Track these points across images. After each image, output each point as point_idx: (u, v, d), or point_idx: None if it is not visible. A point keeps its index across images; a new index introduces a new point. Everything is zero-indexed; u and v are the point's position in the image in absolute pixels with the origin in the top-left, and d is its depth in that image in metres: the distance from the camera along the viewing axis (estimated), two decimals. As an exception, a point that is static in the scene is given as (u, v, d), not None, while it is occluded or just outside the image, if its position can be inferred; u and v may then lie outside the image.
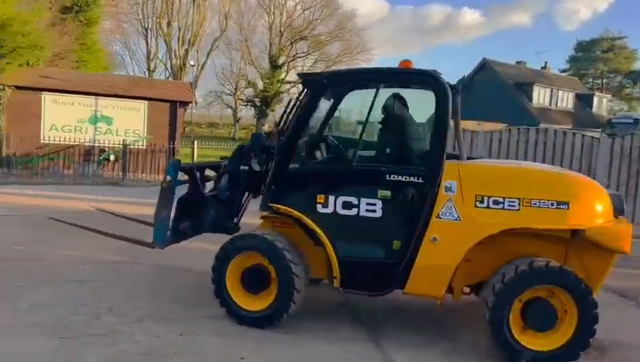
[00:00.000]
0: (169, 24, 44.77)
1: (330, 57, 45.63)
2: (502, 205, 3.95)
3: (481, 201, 3.99)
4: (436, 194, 4.05)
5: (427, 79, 4.30)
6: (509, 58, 50.53)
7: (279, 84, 44.39)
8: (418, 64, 4.50)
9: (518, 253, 4.07)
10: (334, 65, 45.40)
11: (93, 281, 5.41)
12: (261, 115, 43.65)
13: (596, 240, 3.94)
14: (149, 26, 44.83)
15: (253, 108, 44.96)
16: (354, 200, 4.24)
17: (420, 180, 4.10)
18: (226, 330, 4.28)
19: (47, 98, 14.39)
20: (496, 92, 31.43)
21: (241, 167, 4.76)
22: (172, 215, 4.59)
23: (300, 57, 45.73)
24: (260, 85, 44.71)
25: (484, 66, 34.19)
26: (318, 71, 26.82)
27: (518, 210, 3.92)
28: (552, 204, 3.89)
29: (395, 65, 4.50)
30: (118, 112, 14.91)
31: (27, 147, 13.82)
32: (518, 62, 38.90)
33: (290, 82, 46.54)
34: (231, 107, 50.76)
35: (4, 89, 14.04)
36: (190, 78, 44.93)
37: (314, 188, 4.39)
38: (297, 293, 4.24)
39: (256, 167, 4.75)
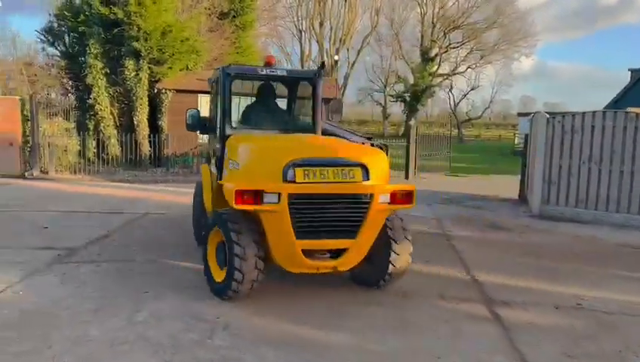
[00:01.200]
0: (321, 24, 45.73)
1: (486, 45, 42.65)
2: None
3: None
4: None
5: None
6: None
7: (431, 78, 42.67)
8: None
9: None
10: (492, 53, 42.40)
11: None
12: (411, 110, 42.38)
13: None
14: (303, 28, 46.32)
15: (403, 103, 43.86)
16: None
17: None
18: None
19: (202, 100, 15.06)
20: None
21: None
22: None
23: (453, 48, 43.55)
24: (411, 80, 43.44)
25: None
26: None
27: None
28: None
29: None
30: (266, 111, 15.06)
31: (185, 147, 14.61)
32: None
33: (442, 75, 44.58)
34: (380, 103, 50.31)
35: (165, 93, 15.02)
36: (341, 77, 45.40)
37: None
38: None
39: None
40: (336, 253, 4.69)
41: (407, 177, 14.83)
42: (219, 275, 4.78)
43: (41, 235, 7.01)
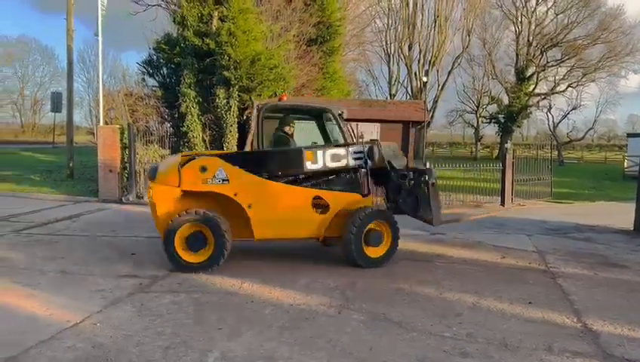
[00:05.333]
0: (410, 47, 45.23)
1: (589, 62, 39.85)
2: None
3: None
4: None
5: None
6: None
7: (527, 98, 40.50)
8: None
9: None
10: (595, 71, 39.55)
11: (298, 330, 4.70)
12: (505, 131, 40.37)
13: None
14: (391, 51, 46.06)
15: (496, 125, 41.91)
16: None
17: None
18: None
19: (289, 125, 15.11)
20: None
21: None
22: None
23: (551, 66, 41.14)
24: (505, 100, 41.50)
25: None
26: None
27: None
28: None
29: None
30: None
31: (271, 172, 14.65)
32: None
33: (540, 94, 42.22)
34: (472, 125, 48.55)
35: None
36: (430, 99, 44.46)
37: None
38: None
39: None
40: None
41: (502, 204, 13.80)
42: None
43: (128, 262, 7.10)
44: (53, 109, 20.99)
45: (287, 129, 7.83)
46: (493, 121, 43.64)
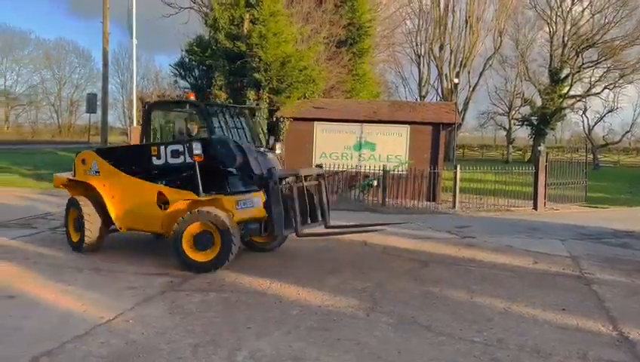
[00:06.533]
0: (441, 48, 44.81)
1: (627, 63, 38.69)
2: None
3: None
4: None
5: None
6: None
7: (561, 100, 39.60)
8: None
9: None
10: (633, 72, 38.41)
11: (326, 332, 4.70)
12: (538, 134, 39.55)
13: None
14: (422, 53, 45.70)
15: (529, 127, 41.10)
16: None
17: None
18: None
19: (318, 127, 15.17)
20: None
21: None
22: None
23: (587, 67, 40.08)
24: (538, 102, 40.67)
25: None
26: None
27: None
28: None
29: None
30: (381, 138, 14.77)
31: (300, 173, 14.69)
32: None
33: (574, 96, 41.23)
34: (504, 128, 47.74)
35: (283, 121, 15.33)
36: (461, 101, 43.93)
37: None
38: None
39: None
40: None
41: (535, 208, 13.53)
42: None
43: (158, 260, 7.21)
44: (88, 110, 21.47)
45: (191, 126, 7.77)
46: (525, 123, 42.77)
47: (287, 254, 7.79)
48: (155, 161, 7.11)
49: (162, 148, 7.05)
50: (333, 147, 15.01)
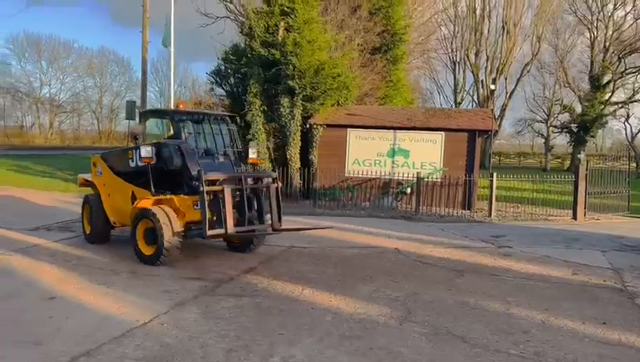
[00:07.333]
0: (477, 54, 44.16)
1: (673, 69, 37.30)
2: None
3: None
4: None
5: None
6: None
7: (602, 106, 38.42)
8: None
9: None
10: (679, 77, 36.98)
11: (358, 340, 4.67)
12: (578, 141, 38.42)
13: None
14: (457, 59, 45.16)
15: (568, 134, 40.00)
16: None
17: None
18: None
19: (351, 134, 15.15)
20: None
21: None
22: None
23: (630, 73, 38.80)
24: (578, 109, 39.57)
25: None
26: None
27: None
28: None
29: None
30: (415, 145, 14.63)
31: (333, 180, 14.71)
32: None
33: (617, 103, 39.98)
34: (542, 135, 46.63)
35: (317, 128, 15.37)
36: (497, 107, 43.16)
37: None
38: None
39: None
40: None
41: (575, 217, 13.14)
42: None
43: (192, 264, 7.32)
44: (127, 117, 22.00)
45: (181, 133, 8.15)
46: (564, 130, 41.62)
47: (320, 260, 7.79)
48: (131, 164, 7.92)
49: (135, 151, 7.73)
50: (366, 154, 14.96)
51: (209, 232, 6.75)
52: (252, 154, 8.41)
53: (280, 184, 7.90)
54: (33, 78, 52.90)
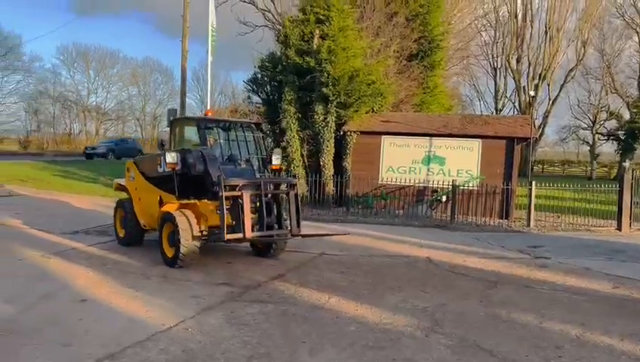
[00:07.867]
0: (518, 60, 43.20)
1: None
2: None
3: None
4: None
5: None
6: None
7: (652, 113, 36.83)
8: None
9: None
10: None
11: (381, 351, 4.58)
12: (626, 149, 36.95)
13: None
14: (498, 65, 44.31)
15: (615, 142, 38.54)
16: None
17: None
18: None
19: (385, 141, 15.03)
20: None
21: None
22: None
23: (682, 78, 37.14)
24: (626, 115, 38.11)
25: None
26: None
27: None
28: None
29: None
30: (451, 152, 14.38)
31: (366, 187, 14.61)
32: None
33: (667, 109, 38.22)
34: (587, 142, 45.08)
35: (351, 135, 15.32)
36: (540, 114, 42.07)
37: None
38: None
39: None
40: None
41: (619, 228, 12.59)
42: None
43: (224, 270, 7.39)
44: (168, 124, 22.53)
45: (207, 139, 8.36)
46: (611, 138, 40.16)
47: (350, 269, 7.72)
48: (159, 169, 8.16)
49: (162, 158, 7.92)
50: (400, 161, 14.80)
51: (227, 236, 6.83)
52: (275, 161, 8.44)
53: (299, 190, 8.02)
54: (81, 86, 54.95)
